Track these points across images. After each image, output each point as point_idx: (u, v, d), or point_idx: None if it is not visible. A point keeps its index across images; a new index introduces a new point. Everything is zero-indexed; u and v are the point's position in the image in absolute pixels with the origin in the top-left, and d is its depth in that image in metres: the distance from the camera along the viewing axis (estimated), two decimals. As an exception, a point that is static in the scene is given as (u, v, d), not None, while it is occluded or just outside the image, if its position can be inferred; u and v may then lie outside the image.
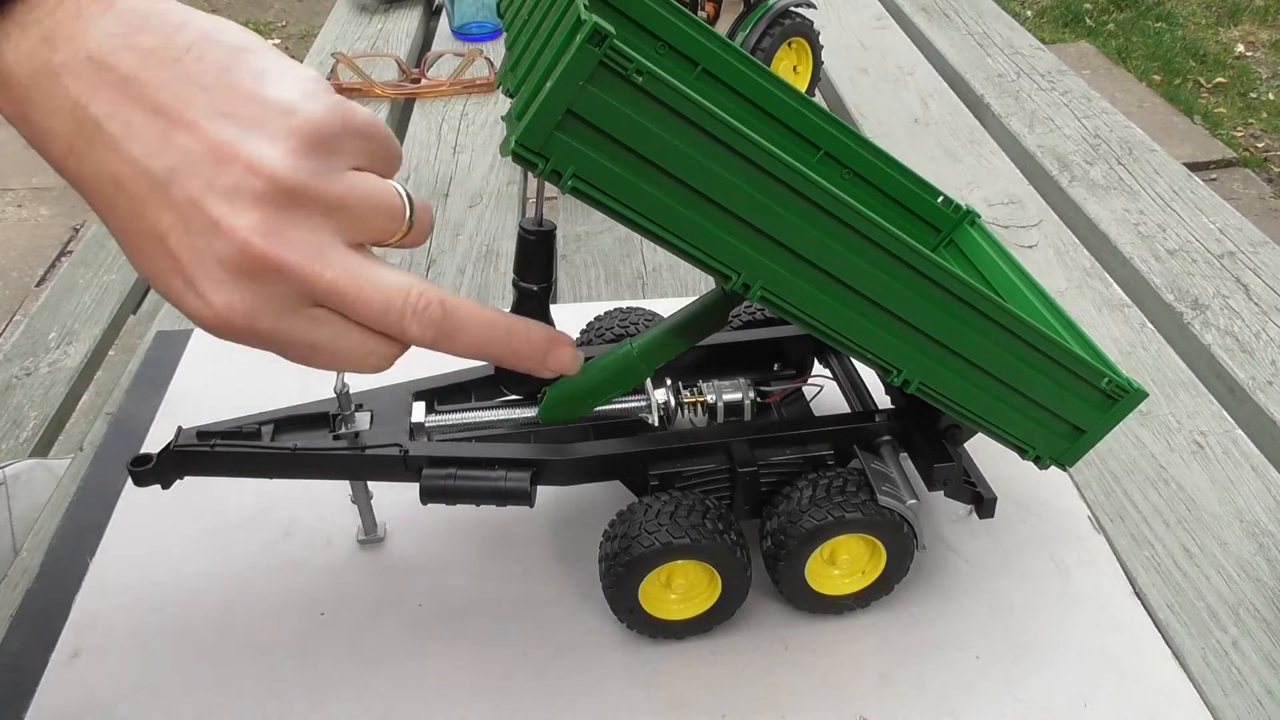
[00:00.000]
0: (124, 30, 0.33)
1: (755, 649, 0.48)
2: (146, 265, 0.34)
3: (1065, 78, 1.11)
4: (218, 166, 0.33)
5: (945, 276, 0.40)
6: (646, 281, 0.76)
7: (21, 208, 2.42)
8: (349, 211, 0.34)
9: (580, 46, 0.32)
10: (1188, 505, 0.57)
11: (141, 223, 0.33)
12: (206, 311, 0.33)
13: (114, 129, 0.33)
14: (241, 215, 0.32)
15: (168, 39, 0.34)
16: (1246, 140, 2.77)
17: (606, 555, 0.46)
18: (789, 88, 0.51)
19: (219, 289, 0.33)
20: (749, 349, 0.54)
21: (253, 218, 0.33)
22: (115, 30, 0.33)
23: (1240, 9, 3.48)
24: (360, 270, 0.34)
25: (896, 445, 0.49)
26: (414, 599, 0.50)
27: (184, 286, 0.33)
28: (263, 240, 0.33)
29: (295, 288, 0.34)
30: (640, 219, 0.36)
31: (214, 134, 0.33)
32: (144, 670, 0.47)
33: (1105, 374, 0.44)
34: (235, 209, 0.32)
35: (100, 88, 0.33)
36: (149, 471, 0.44)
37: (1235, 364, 0.68)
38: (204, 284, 0.33)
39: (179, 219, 0.33)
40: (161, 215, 0.33)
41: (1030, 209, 0.87)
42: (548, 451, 0.46)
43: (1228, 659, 0.49)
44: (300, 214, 0.33)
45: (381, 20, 1.25)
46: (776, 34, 0.88)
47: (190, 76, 0.33)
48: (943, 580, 0.51)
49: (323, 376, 0.46)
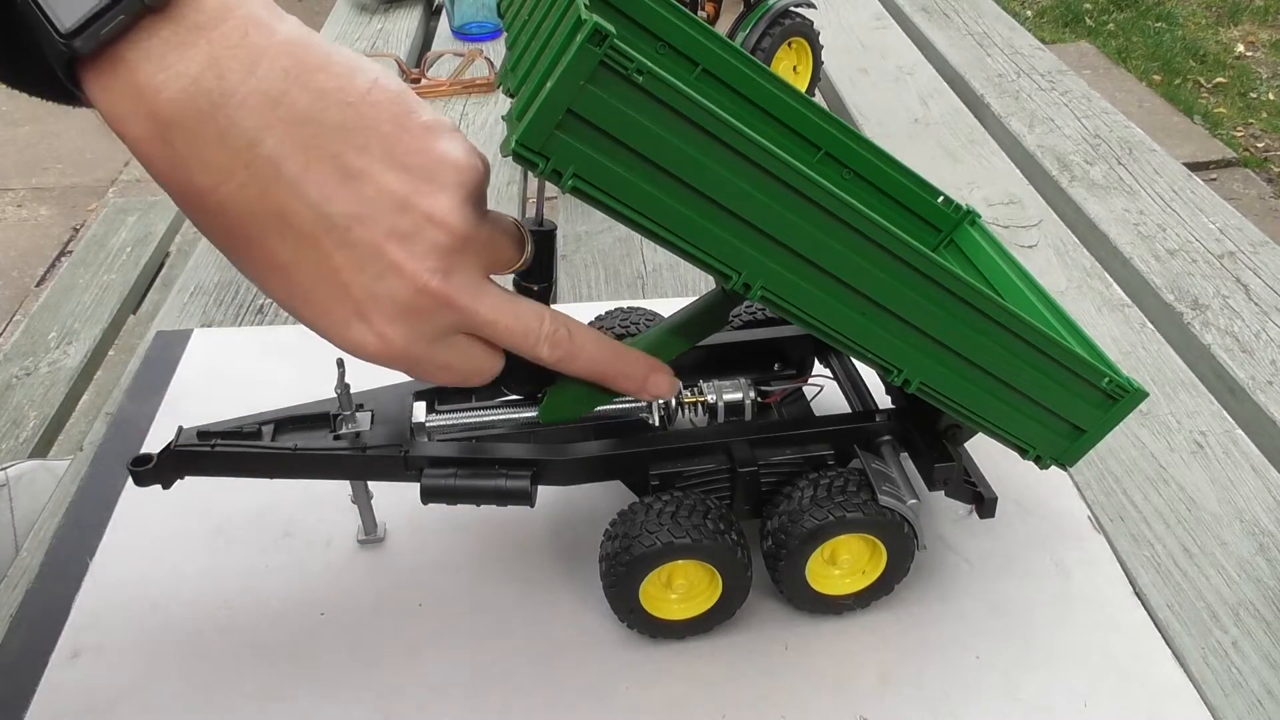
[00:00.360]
0: (297, 66, 0.33)
1: (755, 649, 0.48)
2: (300, 295, 0.36)
3: (1065, 78, 1.11)
4: (397, 214, 0.35)
5: (945, 276, 0.40)
6: (646, 281, 0.76)
7: (21, 208, 2.42)
8: (491, 248, 0.38)
9: (580, 46, 0.32)
10: (1188, 505, 0.57)
11: (306, 257, 0.35)
12: (374, 343, 0.36)
13: (291, 171, 0.34)
14: (421, 261, 0.35)
15: (345, 82, 0.34)
16: (1246, 140, 2.77)
17: (607, 555, 0.46)
18: (789, 88, 0.51)
19: (390, 324, 0.36)
20: (749, 349, 0.54)
21: (430, 263, 0.35)
22: (288, 65, 0.33)
23: (1240, 9, 3.48)
24: (505, 302, 0.38)
25: (897, 445, 0.49)
26: (414, 599, 0.50)
27: (348, 318, 0.36)
28: (439, 282, 0.36)
29: (454, 320, 0.37)
30: (640, 219, 0.36)
31: (394, 184, 0.35)
32: (144, 670, 0.47)
33: (1105, 374, 0.44)
34: (415, 254, 0.35)
35: (276, 124, 0.33)
36: (149, 471, 0.44)
37: (1235, 364, 0.68)
38: (377, 320, 0.36)
39: (354, 259, 0.35)
40: (335, 255, 0.35)
41: (1030, 209, 0.87)
42: (548, 451, 0.46)
43: (1228, 659, 0.49)
44: (466, 257, 0.36)
45: (381, 20, 1.25)
46: (776, 34, 0.88)
47: (368, 123, 0.34)
48: (943, 580, 0.51)
49: (323, 377, 0.47)
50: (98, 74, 0.32)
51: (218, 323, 0.71)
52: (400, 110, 0.35)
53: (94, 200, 2.43)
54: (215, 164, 0.33)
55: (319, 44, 0.35)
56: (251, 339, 0.68)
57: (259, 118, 0.33)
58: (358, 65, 0.35)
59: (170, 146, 0.33)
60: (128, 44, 0.32)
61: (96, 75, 0.32)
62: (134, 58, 0.32)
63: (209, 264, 0.78)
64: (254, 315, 0.72)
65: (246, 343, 0.68)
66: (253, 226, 0.34)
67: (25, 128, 2.70)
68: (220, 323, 0.71)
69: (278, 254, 0.35)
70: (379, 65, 0.36)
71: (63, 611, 0.49)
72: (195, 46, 0.32)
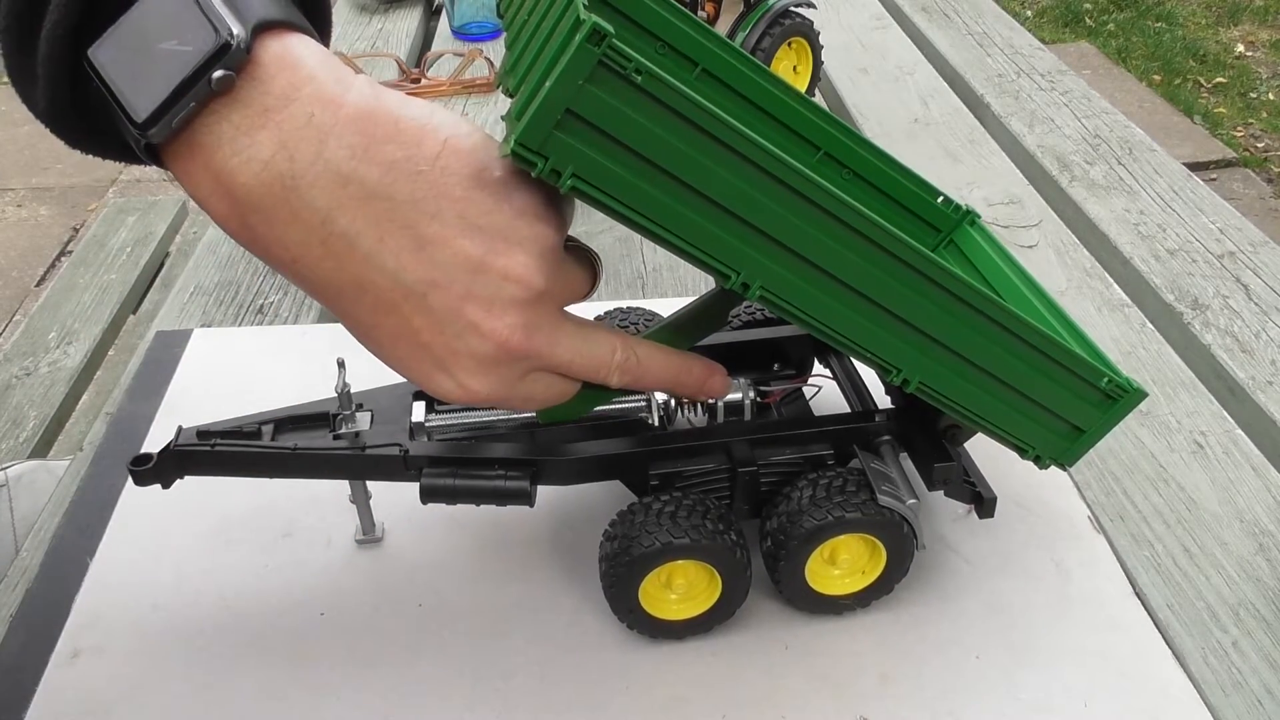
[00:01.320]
0: (364, 141, 0.34)
1: (755, 649, 0.48)
2: (388, 352, 0.37)
3: (1065, 78, 1.11)
4: (473, 276, 0.35)
5: (945, 276, 0.40)
6: (646, 281, 0.76)
7: (21, 208, 2.42)
8: (568, 288, 0.39)
9: (579, 46, 0.32)
10: (1188, 505, 0.57)
11: (387, 321, 0.36)
12: (458, 393, 0.37)
13: (366, 245, 0.34)
14: (500, 319, 0.36)
15: (413, 151, 0.34)
16: (1246, 140, 2.77)
17: (606, 555, 0.46)
18: (789, 88, 0.51)
19: (473, 377, 0.37)
20: (749, 349, 0.54)
21: (510, 319, 0.36)
22: (355, 141, 0.34)
23: (1240, 9, 3.48)
24: (579, 342, 0.39)
25: (896, 445, 0.49)
26: (413, 599, 0.50)
27: (432, 370, 0.37)
28: (519, 336, 0.36)
29: (534, 365, 0.38)
30: (639, 218, 0.36)
31: (468, 247, 0.35)
32: (144, 670, 0.47)
33: (1105, 374, 0.44)
34: (493, 314, 0.36)
35: (347, 202, 0.34)
36: (149, 471, 0.44)
37: (1235, 364, 0.68)
38: (460, 374, 0.37)
39: (434, 322, 0.36)
40: (414, 319, 0.36)
41: (1030, 209, 0.87)
42: (548, 451, 0.46)
43: (1228, 659, 0.49)
44: (544, 308, 0.37)
45: (381, 20, 1.25)
46: (776, 34, 0.88)
47: (439, 191, 0.35)
48: (943, 580, 0.51)
49: (323, 377, 0.47)
50: (176, 157, 0.34)
51: (218, 323, 0.71)
52: (472, 170, 0.35)
53: (94, 200, 2.44)
54: (292, 242, 0.34)
55: (388, 110, 0.35)
56: (251, 339, 0.68)
57: (330, 197, 0.33)
58: (427, 128, 0.35)
59: (249, 228, 0.34)
60: (202, 129, 0.33)
61: (175, 159, 0.34)
62: (209, 142, 0.33)
63: (209, 264, 0.78)
64: (254, 315, 0.72)
65: (246, 343, 0.68)
66: (334, 293, 0.36)
67: (25, 128, 2.70)
68: (220, 323, 0.71)
69: (361, 317, 0.36)
70: (451, 119, 0.36)
71: (63, 611, 0.49)
72: (265, 130, 0.33)
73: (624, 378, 0.41)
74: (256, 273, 0.76)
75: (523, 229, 0.36)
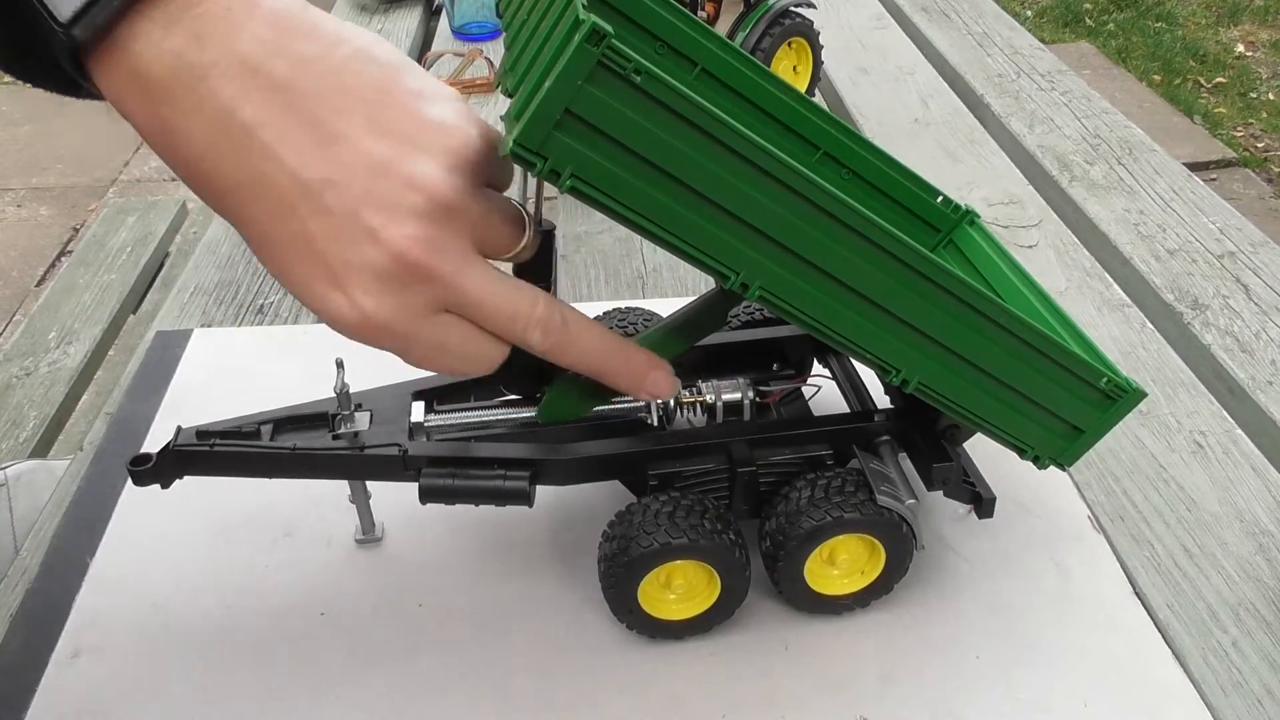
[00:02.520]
0: (276, 36, 0.33)
1: (755, 649, 0.48)
2: (283, 266, 0.35)
3: (1065, 78, 1.11)
4: (375, 180, 0.34)
5: (944, 276, 0.40)
6: (646, 281, 0.76)
7: (21, 208, 2.42)
8: (486, 226, 0.37)
9: (578, 46, 0.32)
10: (1188, 505, 0.57)
11: (284, 226, 0.34)
12: (351, 314, 0.35)
13: (267, 136, 0.33)
14: (398, 227, 0.34)
15: (326, 50, 0.34)
16: (1246, 140, 2.77)
17: (606, 556, 0.46)
18: (789, 88, 0.51)
19: (368, 294, 0.35)
20: (748, 349, 0.54)
21: (409, 229, 0.34)
22: (268, 35, 0.33)
23: (1240, 9, 3.47)
24: (494, 281, 0.36)
25: (895, 445, 0.49)
26: (413, 599, 0.50)
27: (327, 289, 0.35)
28: (418, 250, 0.34)
29: (437, 294, 0.35)
30: (639, 219, 0.36)
31: (372, 149, 0.34)
32: (144, 670, 0.47)
33: (1104, 374, 0.44)
34: (392, 221, 0.34)
35: (253, 92, 0.33)
36: (149, 471, 0.44)
37: (1235, 364, 0.68)
38: (354, 289, 0.34)
39: (330, 227, 0.34)
40: (309, 221, 0.34)
41: (1030, 209, 0.87)
42: (547, 451, 0.46)
43: (1228, 659, 0.49)
44: (451, 228, 0.35)
45: (381, 20, 1.25)
46: (776, 34, 0.88)
47: (349, 90, 0.34)
48: (943, 580, 0.51)
49: (323, 377, 0.47)
50: (98, 61, 0.33)
51: (218, 323, 0.71)
52: (388, 77, 0.35)
53: (94, 200, 2.44)
54: (198, 134, 0.33)
55: (308, 15, 0.34)
56: (251, 339, 0.69)
57: (237, 86, 0.33)
58: (345, 34, 0.35)
59: (161, 120, 0.33)
60: (123, 28, 0.32)
61: (97, 62, 0.33)
62: (128, 40, 0.32)
63: (209, 264, 0.78)
64: (254, 315, 0.72)
65: (246, 343, 0.68)
66: (237, 196, 0.35)
67: (25, 127, 2.70)
68: (220, 323, 0.71)
69: (261, 223, 0.35)
70: (375, 37, 0.36)
71: (63, 611, 0.49)
72: (181, 23, 0.33)
73: (546, 339, 0.38)
74: (256, 273, 0.76)
75: (435, 138, 0.35)
